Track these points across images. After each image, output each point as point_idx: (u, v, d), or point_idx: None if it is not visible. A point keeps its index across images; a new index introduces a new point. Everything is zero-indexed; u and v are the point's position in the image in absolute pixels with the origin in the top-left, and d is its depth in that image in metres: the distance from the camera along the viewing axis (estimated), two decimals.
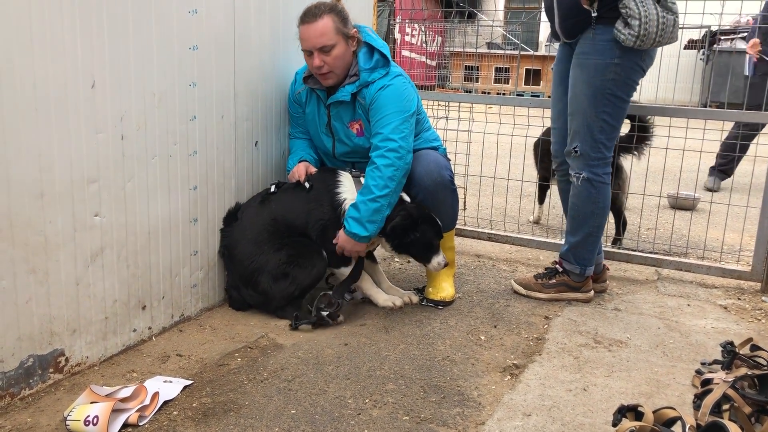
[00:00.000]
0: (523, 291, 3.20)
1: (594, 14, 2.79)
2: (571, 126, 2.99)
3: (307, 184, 2.86)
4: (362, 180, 2.81)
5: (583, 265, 3.13)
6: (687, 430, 1.80)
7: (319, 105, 3.01)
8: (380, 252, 3.75)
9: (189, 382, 2.25)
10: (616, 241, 4.04)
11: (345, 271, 2.90)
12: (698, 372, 2.40)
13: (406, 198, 2.89)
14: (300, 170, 2.98)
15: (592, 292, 3.20)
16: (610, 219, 3.83)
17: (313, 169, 3.00)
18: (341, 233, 2.79)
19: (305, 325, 2.73)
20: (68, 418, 1.96)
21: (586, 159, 2.97)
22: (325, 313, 2.74)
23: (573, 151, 2.99)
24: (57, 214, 2.12)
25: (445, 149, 3.23)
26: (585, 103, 2.91)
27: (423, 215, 2.84)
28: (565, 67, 3.06)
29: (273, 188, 2.94)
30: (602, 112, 2.90)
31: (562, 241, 3.91)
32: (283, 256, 2.80)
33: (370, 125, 2.88)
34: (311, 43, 2.78)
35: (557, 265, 3.21)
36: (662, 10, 2.72)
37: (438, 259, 2.90)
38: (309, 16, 2.79)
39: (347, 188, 2.84)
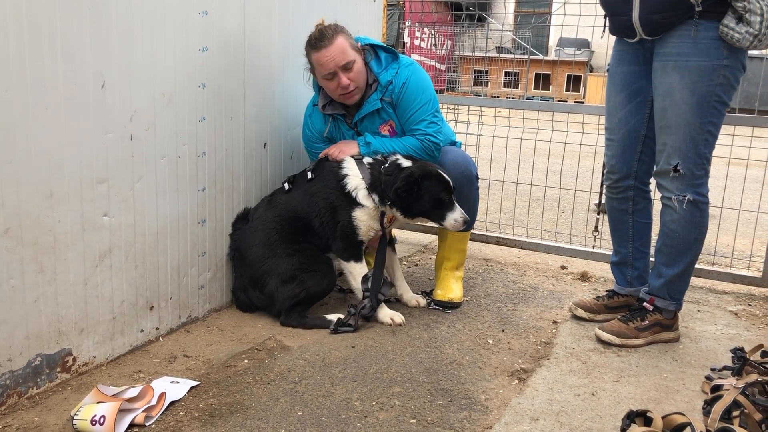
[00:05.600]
0: (617, 341, 2.70)
1: (698, 8, 2.44)
2: (667, 141, 2.61)
3: (309, 174, 2.87)
4: (365, 161, 2.84)
5: (678, 300, 2.76)
6: None
7: (341, 128, 3.02)
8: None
9: (196, 383, 2.25)
10: None
11: (353, 266, 2.86)
12: (708, 378, 2.37)
13: (406, 163, 2.79)
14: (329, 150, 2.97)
15: (679, 329, 2.85)
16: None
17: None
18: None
19: (347, 330, 2.74)
20: (75, 417, 1.96)
21: (691, 178, 2.59)
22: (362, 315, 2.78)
23: (673, 171, 2.61)
24: (66, 213, 2.13)
25: (460, 143, 3.30)
26: (688, 113, 2.53)
27: (426, 172, 2.75)
28: (630, 70, 2.74)
29: (287, 186, 2.93)
30: (707, 123, 2.55)
31: (570, 245, 3.91)
32: (296, 261, 2.80)
33: (399, 119, 2.95)
34: (335, 63, 2.74)
35: (646, 304, 2.78)
36: None
37: (454, 216, 2.76)
38: (323, 39, 2.74)
39: (350, 167, 2.84)
